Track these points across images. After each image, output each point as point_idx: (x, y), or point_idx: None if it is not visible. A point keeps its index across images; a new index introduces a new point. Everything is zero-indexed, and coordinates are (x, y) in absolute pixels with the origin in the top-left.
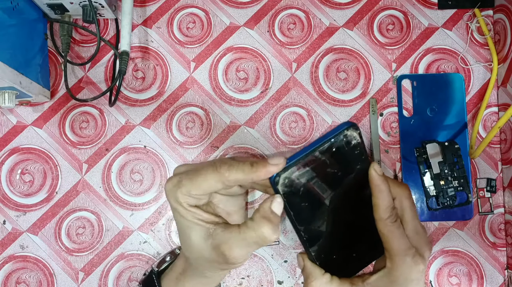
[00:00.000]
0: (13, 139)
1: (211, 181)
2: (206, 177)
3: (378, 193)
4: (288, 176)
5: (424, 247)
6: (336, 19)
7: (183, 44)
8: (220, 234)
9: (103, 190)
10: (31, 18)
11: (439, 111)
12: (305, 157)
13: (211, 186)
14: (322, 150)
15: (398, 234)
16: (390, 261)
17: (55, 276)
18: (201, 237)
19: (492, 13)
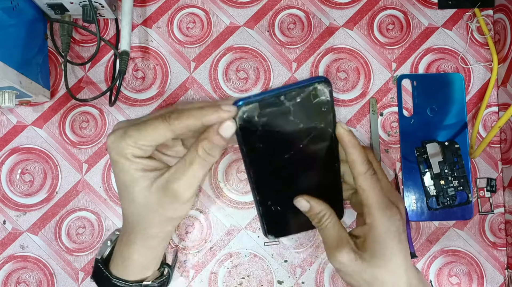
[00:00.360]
0: (13, 139)
1: (160, 130)
2: (156, 126)
3: (352, 149)
4: (249, 111)
5: (397, 200)
6: (336, 19)
7: (183, 44)
8: (164, 175)
9: (103, 190)
10: (31, 18)
11: (439, 111)
12: (269, 98)
13: (160, 135)
14: (288, 95)
15: (378, 188)
16: (370, 216)
17: (55, 276)
18: (145, 187)
19: (492, 13)
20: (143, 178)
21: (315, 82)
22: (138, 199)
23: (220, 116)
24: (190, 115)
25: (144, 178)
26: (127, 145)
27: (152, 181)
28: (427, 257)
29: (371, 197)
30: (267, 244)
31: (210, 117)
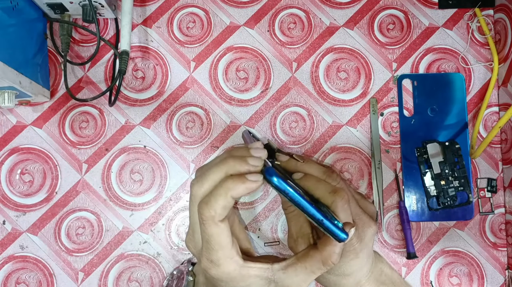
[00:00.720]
0: (13, 139)
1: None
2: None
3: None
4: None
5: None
6: (337, 18)
7: (183, 43)
8: (283, 277)
9: (103, 190)
10: (30, 17)
11: (439, 111)
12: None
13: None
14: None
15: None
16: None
17: (55, 276)
18: (262, 285)
19: (492, 13)
20: (258, 279)
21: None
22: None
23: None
24: (217, 196)
25: (259, 279)
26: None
27: (267, 281)
28: (428, 257)
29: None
30: (267, 244)
31: (238, 192)
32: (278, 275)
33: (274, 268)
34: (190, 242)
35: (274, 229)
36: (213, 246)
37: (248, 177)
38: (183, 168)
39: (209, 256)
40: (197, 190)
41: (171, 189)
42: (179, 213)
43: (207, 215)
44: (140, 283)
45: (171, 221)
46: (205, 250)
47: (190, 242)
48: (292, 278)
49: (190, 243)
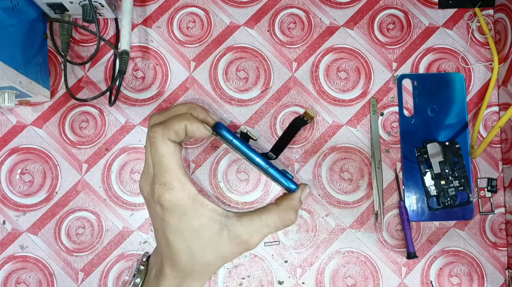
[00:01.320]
0: (13, 139)
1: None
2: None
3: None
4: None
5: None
6: (337, 18)
7: (183, 43)
8: (236, 224)
9: (103, 190)
10: (30, 17)
11: (439, 111)
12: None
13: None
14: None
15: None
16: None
17: (55, 276)
18: (214, 232)
19: (492, 13)
20: (214, 222)
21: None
22: (209, 244)
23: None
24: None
25: (214, 221)
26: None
27: (220, 225)
28: (428, 257)
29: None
30: (267, 244)
31: (192, 127)
32: (232, 221)
33: (228, 214)
34: (145, 181)
35: None
36: (165, 167)
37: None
38: None
39: (162, 178)
40: (155, 119)
41: None
42: None
43: (159, 132)
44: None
45: None
46: (157, 174)
47: (145, 181)
48: (246, 226)
49: (145, 181)
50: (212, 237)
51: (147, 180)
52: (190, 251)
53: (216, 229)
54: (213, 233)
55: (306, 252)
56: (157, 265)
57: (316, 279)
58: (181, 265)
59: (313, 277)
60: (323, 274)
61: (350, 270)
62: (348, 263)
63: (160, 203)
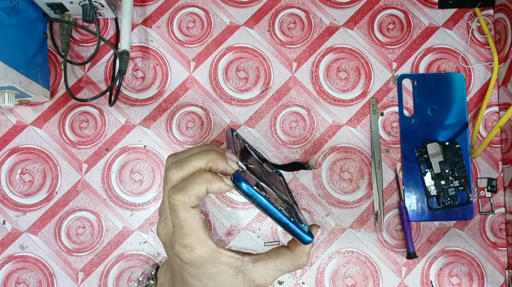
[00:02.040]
0: (13, 139)
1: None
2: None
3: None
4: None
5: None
6: (337, 18)
7: (183, 43)
8: (251, 269)
9: (103, 190)
10: (30, 17)
11: (439, 111)
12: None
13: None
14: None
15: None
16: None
17: (55, 276)
18: (230, 276)
19: (492, 13)
20: (227, 267)
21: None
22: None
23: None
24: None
25: (229, 267)
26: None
27: (236, 270)
28: (428, 257)
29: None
30: (267, 244)
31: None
32: (247, 266)
33: (244, 259)
34: (162, 228)
35: (274, 229)
36: (186, 231)
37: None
38: None
39: (182, 241)
40: (174, 174)
41: None
42: None
43: (180, 201)
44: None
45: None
46: (177, 236)
47: (162, 228)
48: (260, 271)
49: (161, 229)
50: (227, 280)
51: (165, 229)
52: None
53: (232, 273)
54: (229, 276)
55: None
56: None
57: (316, 279)
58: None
59: (313, 277)
60: (323, 274)
61: (350, 270)
62: (348, 263)
63: (180, 259)
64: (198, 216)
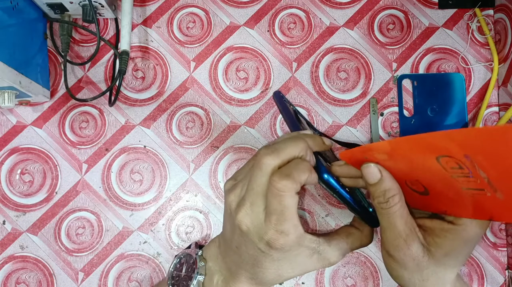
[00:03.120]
0: (13, 139)
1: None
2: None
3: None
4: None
5: None
6: (337, 18)
7: (183, 43)
8: (327, 249)
9: (103, 190)
10: (30, 17)
11: (439, 111)
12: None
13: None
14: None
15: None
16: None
17: (55, 276)
18: (306, 255)
19: (492, 13)
20: (307, 249)
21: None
22: (297, 265)
23: (314, 179)
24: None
25: (307, 248)
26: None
27: (312, 251)
28: None
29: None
30: None
31: (312, 177)
32: (323, 246)
33: (320, 240)
34: (247, 216)
35: None
36: (286, 217)
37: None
38: (183, 168)
39: (280, 226)
40: (271, 160)
41: (171, 189)
42: (179, 213)
43: (288, 187)
44: (140, 283)
45: (171, 221)
46: (275, 222)
47: (247, 216)
48: (334, 251)
49: (246, 217)
50: (302, 260)
51: (251, 216)
52: (278, 271)
53: (308, 254)
54: (305, 257)
55: None
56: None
57: (316, 279)
58: (264, 280)
59: (313, 277)
60: (323, 274)
61: (350, 270)
62: (348, 263)
63: (271, 246)
64: (297, 202)
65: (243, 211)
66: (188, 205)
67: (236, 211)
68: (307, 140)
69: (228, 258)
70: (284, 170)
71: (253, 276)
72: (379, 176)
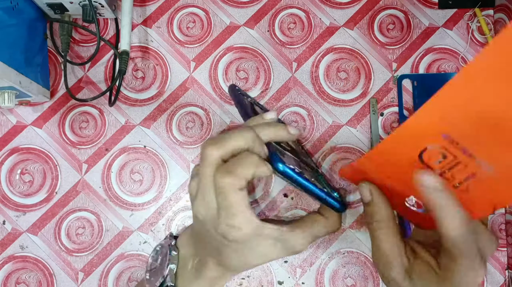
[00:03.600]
0: (13, 139)
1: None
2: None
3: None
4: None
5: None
6: (337, 18)
7: (183, 43)
8: (290, 237)
9: (103, 190)
10: (30, 17)
11: None
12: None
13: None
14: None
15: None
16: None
17: (55, 276)
18: (269, 245)
19: (492, 13)
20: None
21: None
22: (261, 255)
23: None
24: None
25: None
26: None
27: (275, 240)
28: None
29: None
30: None
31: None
32: (286, 235)
33: (283, 229)
34: (201, 207)
35: None
36: (234, 212)
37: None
38: (183, 168)
39: (230, 221)
40: (211, 151)
41: (171, 189)
42: (179, 213)
43: (230, 183)
44: None
45: (171, 221)
46: (224, 217)
47: (201, 207)
48: (299, 239)
49: (201, 208)
50: (266, 249)
51: (205, 208)
52: (242, 259)
53: (270, 243)
54: (268, 246)
55: (306, 252)
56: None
57: (316, 279)
58: (231, 267)
59: (313, 277)
60: (323, 274)
61: (350, 270)
62: (348, 263)
63: (227, 238)
64: (245, 196)
65: (197, 201)
66: (188, 205)
67: (192, 201)
68: (257, 130)
69: (197, 244)
70: (228, 166)
71: (219, 262)
72: (369, 198)
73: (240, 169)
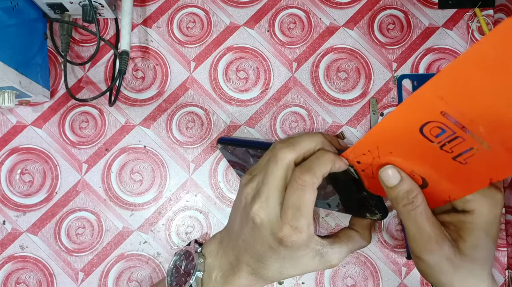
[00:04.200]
0: (13, 139)
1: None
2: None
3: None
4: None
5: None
6: (337, 18)
7: (183, 43)
8: (329, 252)
9: (103, 190)
10: (30, 17)
11: None
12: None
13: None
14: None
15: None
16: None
17: (55, 276)
18: (310, 257)
19: (492, 13)
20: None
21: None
22: (299, 265)
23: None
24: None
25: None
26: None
27: (315, 253)
28: None
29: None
30: None
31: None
32: (326, 249)
33: (323, 242)
34: (262, 210)
35: None
36: (303, 213)
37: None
38: (183, 168)
39: (295, 222)
40: (286, 153)
41: (171, 189)
42: (179, 213)
43: (309, 182)
44: (140, 283)
45: (171, 221)
46: (291, 218)
47: (262, 210)
48: (336, 253)
49: (262, 211)
50: (306, 261)
51: (266, 210)
52: (281, 269)
53: (312, 255)
54: (309, 258)
55: None
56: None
57: (316, 279)
58: (265, 276)
59: (313, 277)
60: (323, 274)
61: (350, 270)
62: (348, 263)
63: (283, 242)
64: (314, 200)
65: (258, 203)
66: (188, 205)
67: (251, 204)
68: (324, 135)
69: (230, 252)
70: (306, 164)
71: (254, 271)
72: (399, 177)
73: (317, 166)
